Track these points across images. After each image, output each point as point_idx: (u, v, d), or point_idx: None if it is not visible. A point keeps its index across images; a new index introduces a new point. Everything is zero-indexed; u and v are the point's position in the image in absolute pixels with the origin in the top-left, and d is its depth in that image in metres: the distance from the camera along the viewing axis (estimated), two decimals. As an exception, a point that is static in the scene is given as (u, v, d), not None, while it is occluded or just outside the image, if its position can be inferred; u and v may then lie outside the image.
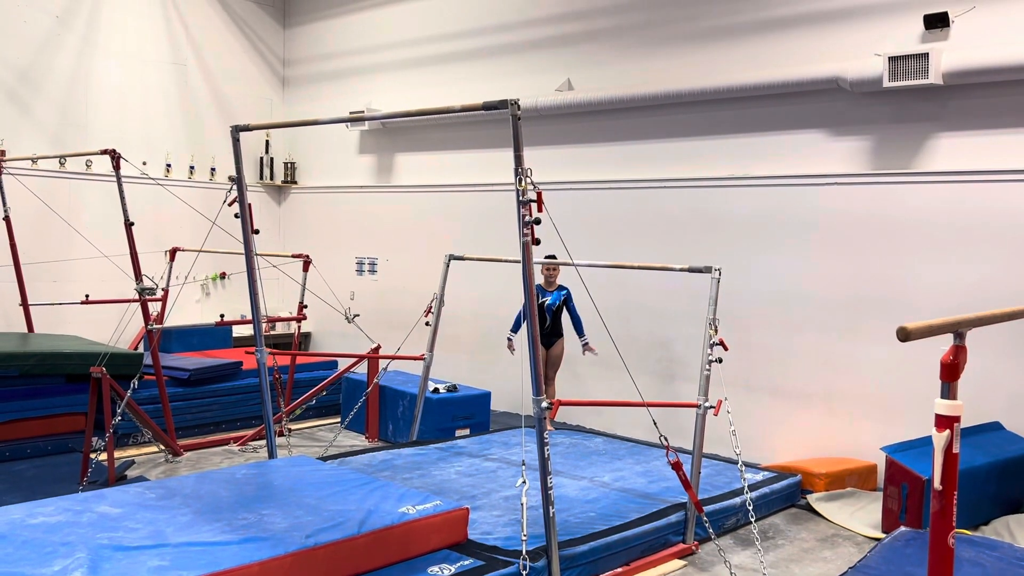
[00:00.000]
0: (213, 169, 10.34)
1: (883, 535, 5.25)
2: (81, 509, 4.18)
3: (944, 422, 2.39)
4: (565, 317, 7.33)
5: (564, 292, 7.30)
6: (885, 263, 6.37)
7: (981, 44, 5.85)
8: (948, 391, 2.41)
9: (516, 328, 7.33)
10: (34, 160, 8.32)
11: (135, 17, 9.69)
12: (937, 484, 2.39)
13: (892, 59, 5.97)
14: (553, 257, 6.81)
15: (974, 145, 6.01)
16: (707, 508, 5.18)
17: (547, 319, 7.28)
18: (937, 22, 6.02)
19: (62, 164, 9.05)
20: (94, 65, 9.37)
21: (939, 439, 2.38)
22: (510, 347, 7.33)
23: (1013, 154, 5.84)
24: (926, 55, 5.84)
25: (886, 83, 6.02)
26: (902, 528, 4.82)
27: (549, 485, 4.19)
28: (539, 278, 7.26)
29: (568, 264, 4.86)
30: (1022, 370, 5.76)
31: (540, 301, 7.22)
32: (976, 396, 5.72)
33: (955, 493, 2.40)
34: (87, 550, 3.62)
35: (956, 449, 2.40)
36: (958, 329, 2.46)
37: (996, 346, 5.76)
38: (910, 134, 6.28)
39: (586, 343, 7.17)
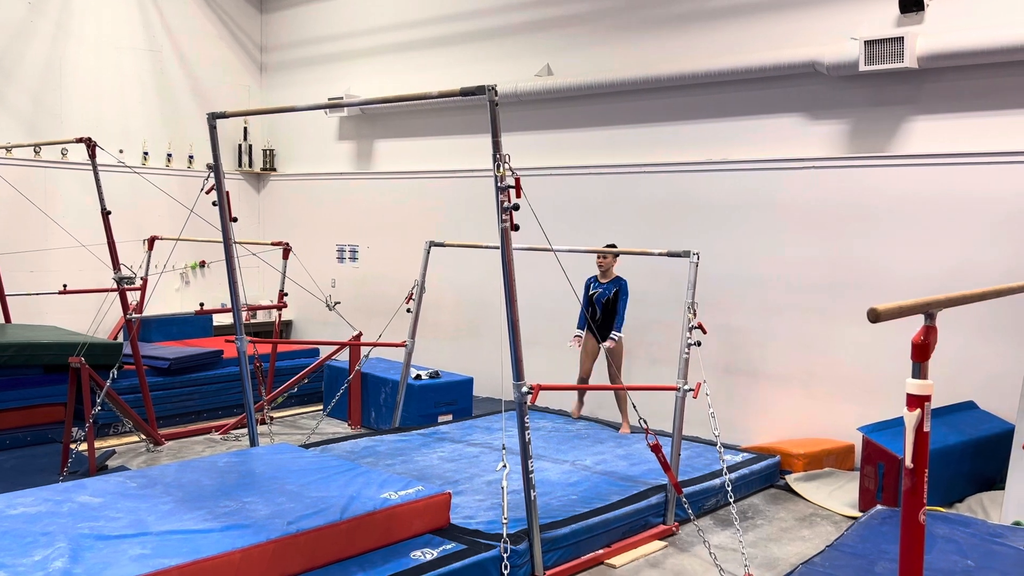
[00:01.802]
0: (191, 157, 10.26)
1: (860, 514, 5.33)
2: (62, 499, 4.16)
3: (915, 401, 2.42)
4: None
5: (618, 285, 6.79)
6: (862, 245, 6.43)
7: (955, 28, 5.89)
8: (919, 371, 2.44)
9: (581, 325, 6.93)
10: (8, 149, 8.22)
11: (109, 3, 9.58)
12: (908, 462, 2.42)
13: (868, 43, 6.01)
14: (613, 246, 6.66)
15: (949, 128, 6.07)
16: (687, 490, 5.23)
17: (597, 312, 6.81)
18: (912, 6, 6.06)
19: (37, 153, 8.95)
20: (68, 52, 9.26)
21: (910, 418, 2.41)
22: (576, 342, 6.94)
23: (987, 137, 5.91)
24: (901, 39, 5.88)
25: (862, 67, 6.06)
26: (878, 507, 4.88)
27: (530, 469, 4.22)
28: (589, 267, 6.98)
29: (546, 250, 4.86)
30: (997, 350, 5.84)
31: (591, 293, 6.88)
32: (952, 376, 5.82)
33: (926, 471, 2.44)
34: (68, 539, 3.62)
35: (927, 428, 2.44)
36: (928, 310, 2.49)
37: (972, 326, 5.84)
38: (886, 117, 6.33)
39: (611, 338, 6.69)
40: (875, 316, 2.37)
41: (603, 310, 6.81)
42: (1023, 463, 4.96)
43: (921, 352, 2.44)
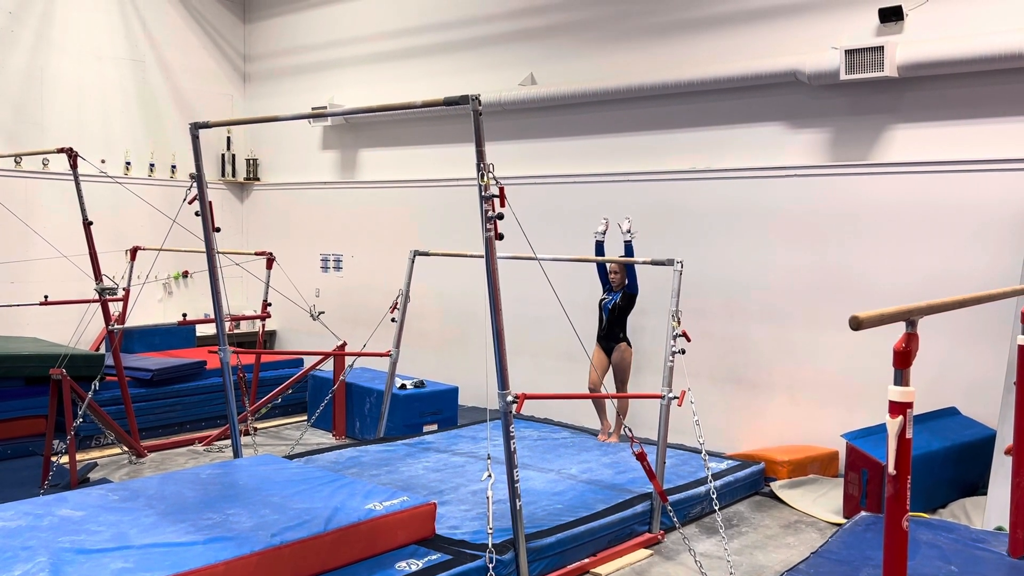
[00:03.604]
0: (174, 167, 10.21)
1: (844, 520, 5.34)
2: (42, 513, 4.12)
3: (897, 408, 2.43)
4: (630, 321, 6.78)
5: (623, 291, 6.69)
6: (844, 253, 6.47)
7: (934, 37, 5.95)
8: (901, 378, 2.46)
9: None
10: (-12, 159, 8.17)
11: (91, 13, 9.53)
12: (891, 469, 2.44)
13: (848, 52, 6.06)
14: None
15: (928, 136, 6.12)
16: (672, 498, 5.24)
17: (603, 319, 6.76)
18: (891, 15, 6.12)
19: (18, 163, 8.88)
20: (49, 62, 9.20)
21: (892, 425, 2.43)
22: None
23: (965, 145, 5.96)
24: (881, 48, 5.93)
25: (843, 76, 6.11)
26: (862, 513, 4.91)
27: (516, 478, 4.21)
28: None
29: (531, 258, 4.87)
30: (978, 356, 5.88)
31: (600, 300, 6.82)
32: (933, 382, 5.87)
33: (909, 477, 2.46)
34: (48, 554, 3.58)
35: (909, 435, 2.45)
36: (909, 317, 2.51)
37: (954, 333, 5.89)
38: (867, 126, 6.38)
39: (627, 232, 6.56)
40: (857, 324, 2.39)
41: (609, 317, 6.74)
42: (1005, 468, 5.00)
43: (903, 359, 2.46)
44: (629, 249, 6.55)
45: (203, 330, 9.84)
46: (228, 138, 10.79)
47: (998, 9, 5.80)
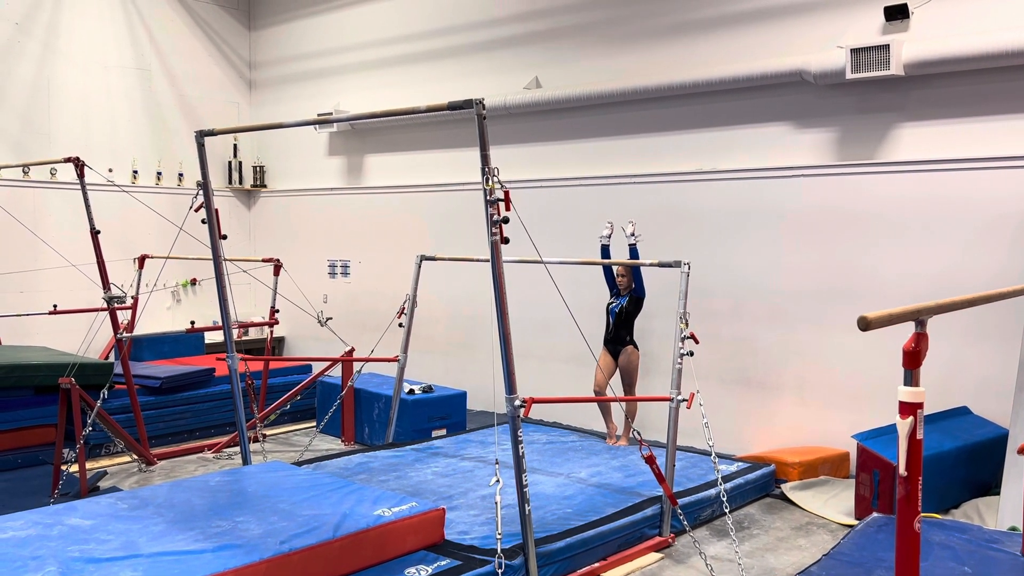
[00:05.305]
0: (181, 175, 10.24)
1: (856, 522, 5.31)
2: (52, 522, 4.13)
3: (907, 409, 2.42)
4: (638, 324, 6.74)
5: (630, 295, 6.65)
6: (852, 253, 6.44)
7: (940, 35, 5.93)
8: (911, 378, 2.44)
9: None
10: (-3, 170, 8.21)
11: (96, 22, 9.57)
12: (902, 470, 2.42)
13: (854, 51, 6.04)
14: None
15: (936, 134, 6.09)
16: (682, 500, 5.22)
17: (610, 323, 6.74)
18: (897, 14, 6.09)
19: (25, 173, 8.92)
20: (56, 71, 9.24)
21: (903, 425, 2.41)
22: None
23: (973, 142, 5.93)
24: (887, 46, 5.91)
25: (849, 75, 6.09)
26: (874, 514, 4.87)
27: (524, 483, 4.20)
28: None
29: (537, 262, 4.86)
30: (989, 355, 5.84)
31: (607, 304, 6.79)
32: (944, 381, 5.83)
33: (920, 478, 2.44)
34: (58, 563, 3.58)
35: (920, 435, 2.43)
36: (919, 317, 2.49)
37: (964, 332, 5.85)
38: (874, 125, 6.36)
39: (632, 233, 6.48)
40: (865, 324, 2.37)
41: (616, 321, 6.71)
42: (1018, 468, 4.97)
43: (912, 359, 2.44)
44: (634, 252, 6.54)
45: (211, 337, 9.87)
46: (234, 145, 10.82)
47: (1004, 6, 5.77)
